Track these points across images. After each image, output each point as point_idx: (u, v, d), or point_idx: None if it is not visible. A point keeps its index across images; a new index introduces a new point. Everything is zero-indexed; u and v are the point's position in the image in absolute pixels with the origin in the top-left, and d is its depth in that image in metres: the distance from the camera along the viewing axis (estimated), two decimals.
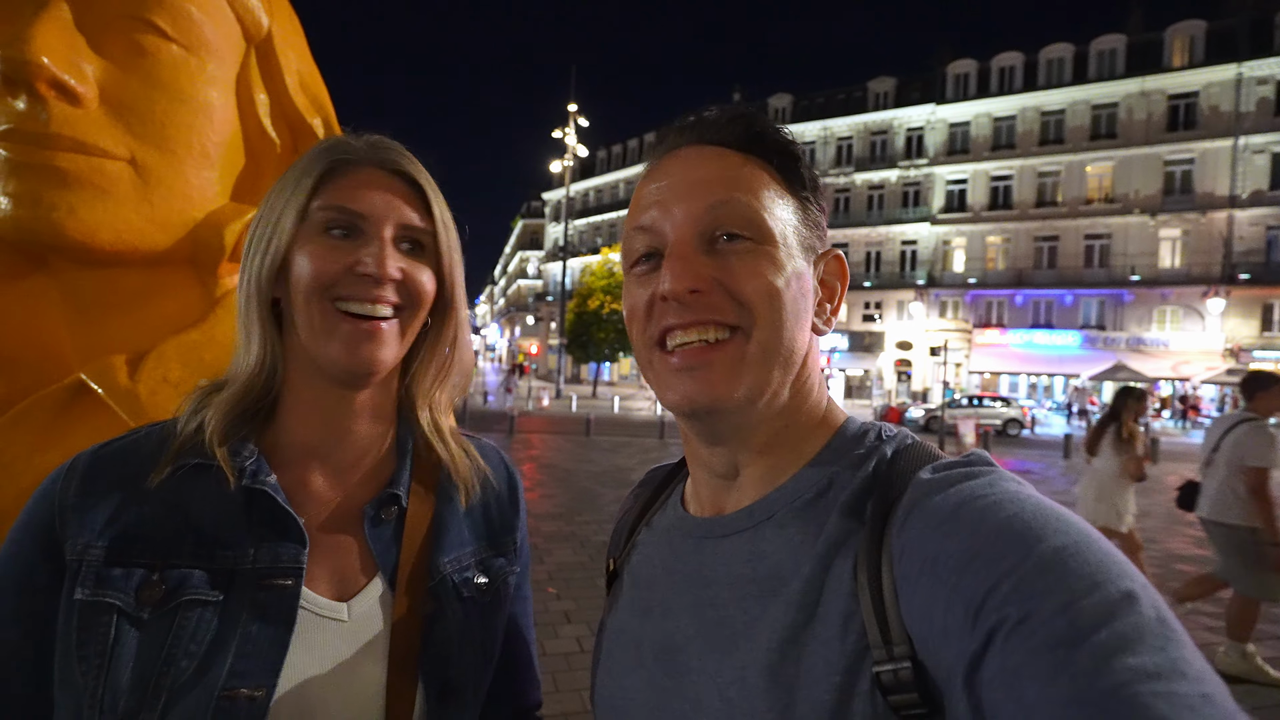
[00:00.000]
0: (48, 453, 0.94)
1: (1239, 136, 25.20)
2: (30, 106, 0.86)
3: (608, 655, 0.63)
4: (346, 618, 0.62)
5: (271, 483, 0.62)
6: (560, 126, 28.79)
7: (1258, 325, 25.00)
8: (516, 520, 0.79)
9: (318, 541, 0.64)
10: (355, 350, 0.63)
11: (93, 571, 0.56)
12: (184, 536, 0.59)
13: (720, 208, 0.54)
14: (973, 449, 0.53)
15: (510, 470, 0.81)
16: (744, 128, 0.58)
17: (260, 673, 0.55)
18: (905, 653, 0.44)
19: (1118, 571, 0.38)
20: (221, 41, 1.03)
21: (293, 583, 0.59)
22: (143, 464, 0.61)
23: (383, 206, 0.65)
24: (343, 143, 0.67)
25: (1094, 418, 24.13)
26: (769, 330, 0.53)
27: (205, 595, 0.57)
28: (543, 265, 52.92)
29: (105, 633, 0.54)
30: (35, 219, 0.89)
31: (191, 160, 1.00)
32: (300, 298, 0.63)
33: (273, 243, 0.63)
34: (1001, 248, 29.33)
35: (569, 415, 20.10)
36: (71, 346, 1.03)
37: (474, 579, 0.70)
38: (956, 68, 30.39)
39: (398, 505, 0.69)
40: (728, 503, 0.59)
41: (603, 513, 7.30)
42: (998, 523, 0.42)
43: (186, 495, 0.60)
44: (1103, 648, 0.34)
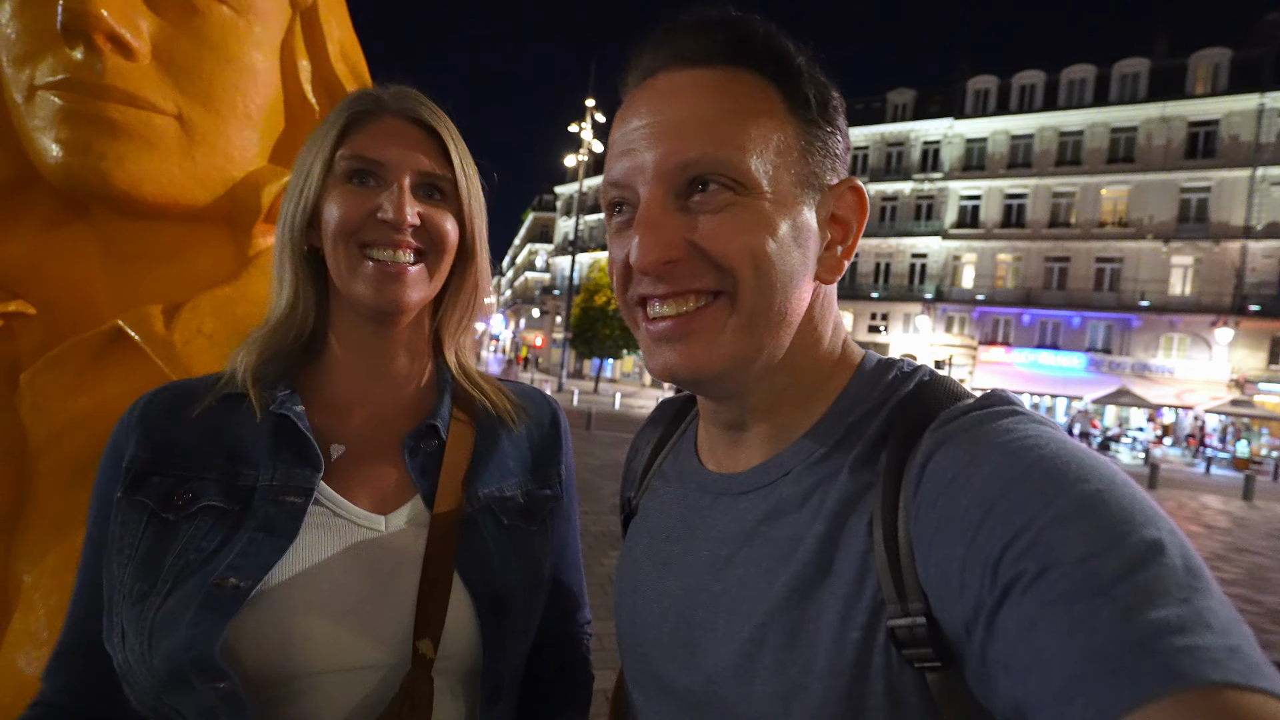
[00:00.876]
0: (80, 396, 0.97)
1: (1257, 167, 25.06)
2: (87, 57, 0.89)
3: (631, 608, 0.62)
4: (383, 529, 0.66)
5: (297, 411, 0.67)
6: (577, 120, 28.78)
7: (1265, 358, 24.87)
8: (560, 453, 0.82)
9: (359, 467, 0.69)
10: (381, 290, 0.67)
11: (134, 477, 0.63)
12: (215, 455, 0.65)
13: (692, 158, 0.47)
14: (992, 389, 0.49)
15: (553, 407, 0.85)
16: (726, 36, 0.49)
17: (251, 569, 0.59)
18: (920, 609, 0.43)
19: (1143, 519, 0.36)
20: (269, 6, 1.06)
21: (301, 500, 0.64)
22: (191, 396, 0.68)
23: (400, 154, 0.68)
24: (366, 94, 0.71)
25: (1095, 441, 24.07)
26: (754, 296, 0.49)
27: (221, 503, 0.62)
28: (551, 259, 52.91)
29: (136, 528, 0.61)
30: (85, 167, 0.91)
31: (235, 120, 1.03)
32: (329, 244, 0.68)
33: (304, 193, 0.68)
34: (1012, 266, 29.23)
35: (570, 409, 20.12)
36: (107, 295, 1.05)
37: (514, 508, 0.73)
38: (977, 83, 30.28)
39: (437, 438, 0.72)
40: (740, 457, 0.58)
41: (603, 504, 7.33)
42: (1015, 473, 0.40)
43: (223, 421, 0.67)
44: (1124, 600, 0.33)
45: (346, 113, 0.69)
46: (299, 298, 0.70)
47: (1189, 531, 9.37)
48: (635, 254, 0.49)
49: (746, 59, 0.49)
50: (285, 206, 0.69)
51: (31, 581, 0.88)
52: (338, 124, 0.68)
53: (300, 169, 0.69)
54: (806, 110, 0.50)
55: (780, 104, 0.49)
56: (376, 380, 0.73)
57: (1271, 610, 5.73)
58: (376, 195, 0.67)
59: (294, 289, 0.69)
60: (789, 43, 0.51)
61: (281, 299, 0.70)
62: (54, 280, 1.02)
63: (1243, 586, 6.46)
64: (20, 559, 0.91)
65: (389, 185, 0.67)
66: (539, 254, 57.52)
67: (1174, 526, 0.37)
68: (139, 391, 0.98)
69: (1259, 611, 5.65)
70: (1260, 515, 11.67)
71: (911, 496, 0.46)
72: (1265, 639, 4.83)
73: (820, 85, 0.51)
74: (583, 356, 35.90)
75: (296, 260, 0.69)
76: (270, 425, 0.66)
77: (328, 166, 0.67)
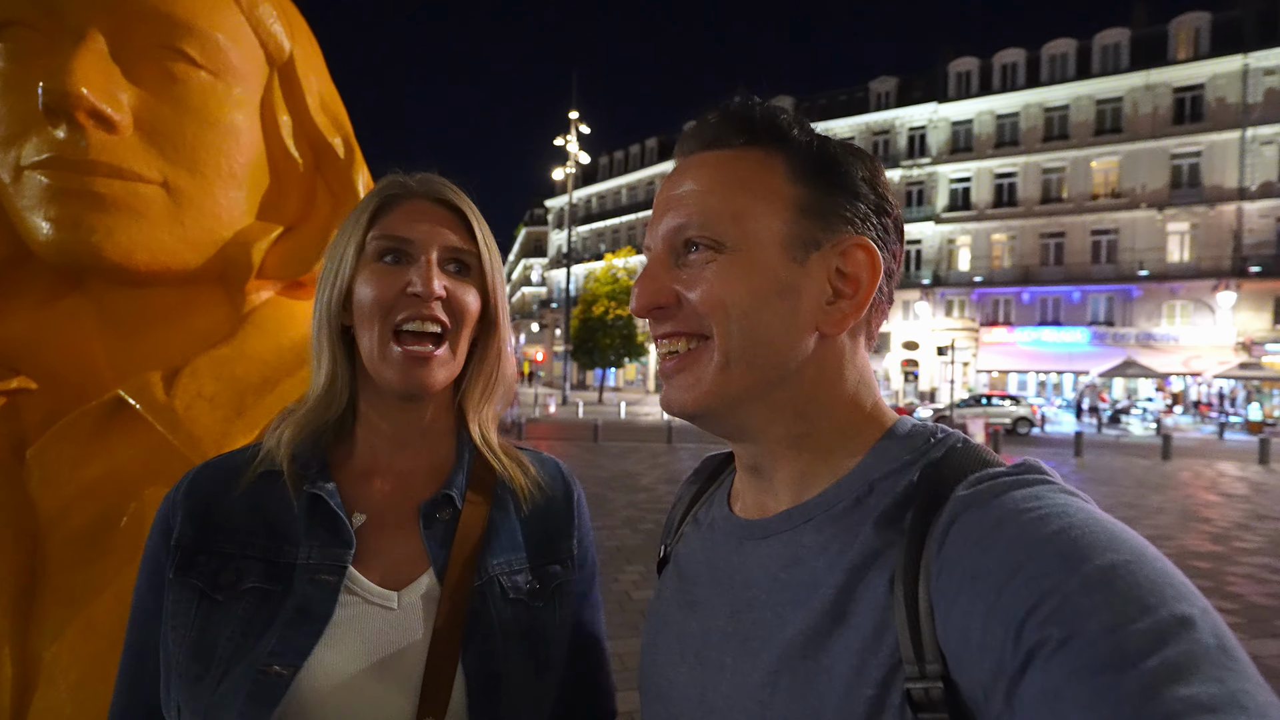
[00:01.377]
0: (88, 466, 0.98)
1: (1247, 128, 25.01)
2: (70, 135, 0.90)
3: (653, 646, 0.64)
4: (395, 606, 0.67)
5: (329, 489, 0.69)
6: (562, 133, 28.91)
7: (1270, 318, 24.75)
8: (573, 528, 0.81)
9: (378, 537, 0.71)
10: (409, 374, 0.70)
11: (183, 555, 0.66)
12: (256, 533, 0.68)
13: (682, 224, 0.55)
14: (1024, 457, 0.50)
15: (567, 480, 0.84)
16: (737, 124, 0.57)
17: (293, 654, 0.62)
18: (938, 671, 0.43)
19: (1174, 594, 0.35)
20: (247, 66, 1.07)
21: (334, 579, 0.66)
22: (234, 473, 0.71)
23: (428, 231, 0.72)
24: (395, 181, 0.75)
25: (1105, 414, 23.97)
26: (727, 340, 0.54)
27: (266, 585, 0.65)
28: (546, 272, 53.08)
29: (189, 607, 0.64)
30: (76, 242, 0.92)
31: (220, 181, 1.04)
32: (361, 322, 0.71)
33: (338, 274, 0.72)
34: (1007, 245, 29.21)
35: (576, 421, 20.13)
36: (108, 363, 1.06)
37: (523, 584, 0.74)
38: (958, 66, 30.34)
39: (452, 507, 0.74)
40: (767, 504, 0.60)
41: (614, 518, 7.32)
42: (1042, 537, 0.40)
43: (263, 498, 0.69)
44: (1153, 675, 0.32)
45: (377, 199, 0.73)
46: (336, 376, 0.73)
47: (1208, 501, 9.31)
48: (632, 299, 0.58)
49: (754, 138, 0.56)
50: (321, 289, 0.73)
51: (51, 658, 0.89)
52: (369, 209, 0.73)
53: (334, 253, 0.73)
54: (809, 179, 0.55)
55: (780, 175, 0.55)
56: (400, 450, 0.76)
57: None
58: (406, 271, 0.70)
59: (331, 366, 0.72)
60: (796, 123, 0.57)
61: (320, 378, 0.73)
62: (54, 353, 1.03)
63: (1267, 555, 6.41)
64: (38, 635, 0.91)
65: (417, 260, 0.71)
66: (534, 268, 57.68)
67: (1207, 605, 0.36)
68: (146, 459, 1.00)
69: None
70: (1279, 479, 11.59)
71: (935, 555, 0.46)
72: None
73: (828, 156, 0.56)
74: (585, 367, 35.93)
75: (334, 340, 0.72)
76: (305, 502, 0.69)
77: (360, 248, 0.71)
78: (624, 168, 45.12)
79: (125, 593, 0.91)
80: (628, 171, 44.47)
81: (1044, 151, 28.41)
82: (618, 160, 45.97)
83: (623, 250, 35.88)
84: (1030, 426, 20.81)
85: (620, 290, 31.93)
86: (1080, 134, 27.79)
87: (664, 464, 11.67)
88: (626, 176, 44.45)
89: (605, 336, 31.15)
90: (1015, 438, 19.43)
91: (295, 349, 1.10)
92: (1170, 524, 7.59)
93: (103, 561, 0.94)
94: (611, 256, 34.49)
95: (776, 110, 0.57)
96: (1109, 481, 10.71)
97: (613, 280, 32.16)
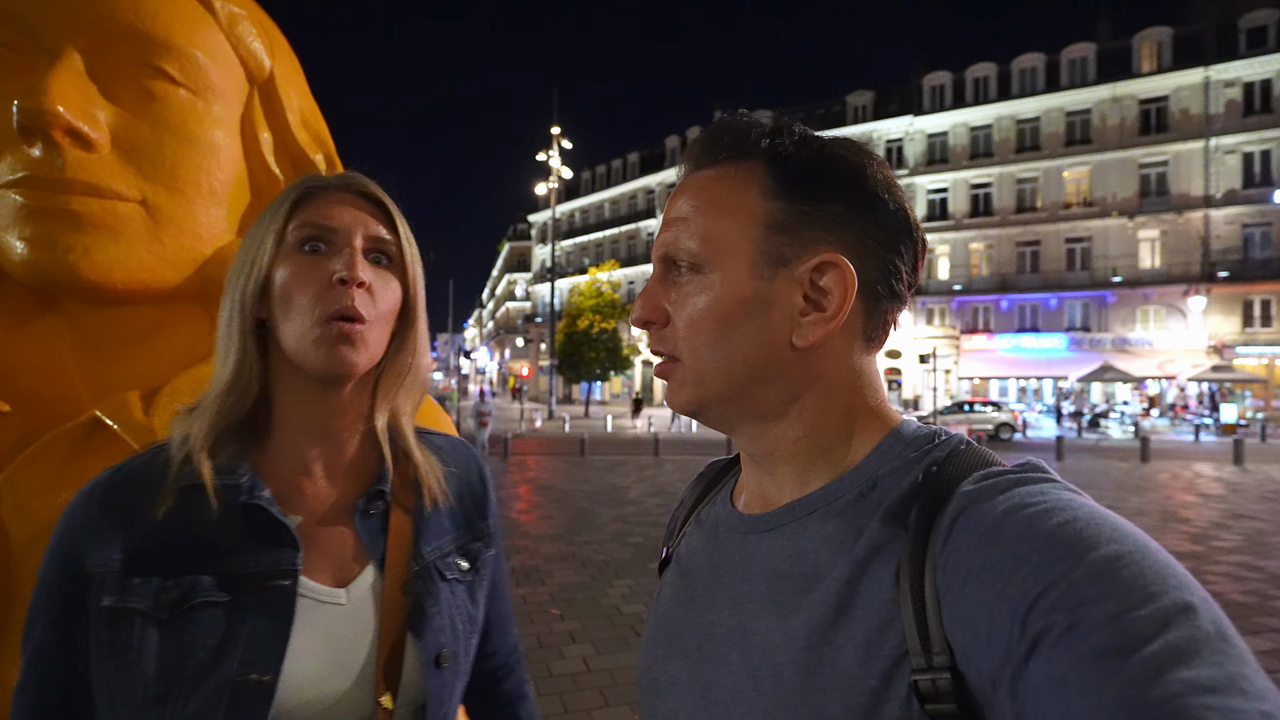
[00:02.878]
0: (63, 491, 0.95)
1: (1210, 138, 25.79)
2: (46, 153, 0.89)
3: (653, 642, 0.64)
4: (345, 602, 0.70)
5: (266, 496, 0.69)
6: (545, 149, 29.02)
7: (1239, 322, 25.40)
8: (488, 506, 0.87)
9: (316, 536, 0.71)
10: (332, 354, 0.69)
11: (115, 582, 0.64)
12: (192, 549, 0.66)
13: (672, 243, 0.58)
14: (1027, 458, 0.50)
15: (477, 461, 0.90)
16: (719, 141, 0.58)
17: (266, 660, 0.62)
18: (945, 662, 0.43)
19: (1175, 583, 0.36)
20: (227, 83, 1.07)
21: (290, 583, 0.66)
22: (149, 489, 0.67)
23: (351, 220, 0.72)
24: (315, 175, 0.76)
25: (1085, 419, 24.35)
26: (696, 361, 0.57)
27: (214, 597, 0.64)
28: (531, 287, 53.02)
29: (130, 633, 0.62)
30: (51, 261, 0.91)
31: (200, 199, 1.03)
32: (282, 311, 0.69)
33: (255, 264, 0.70)
34: (985, 254, 29.74)
35: (563, 436, 20.03)
36: (84, 384, 1.04)
37: (454, 564, 0.79)
38: (932, 79, 31.00)
39: (383, 501, 0.76)
40: (771, 497, 0.60)
41: (602, 532, 7.27)
42: (1048, 529, 0.41)
43: (191, 513, 0.67)
44: (1155, 659, 0.33)
45: (297, 190, 0.73)
46: (245, 366, 0.70)
47: (1186, 502, 9.47)
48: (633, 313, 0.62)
49: (734, 154, 0.57)
50: (235, 280, 0.71)
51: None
52: (288, 199, 0.72)
53: (250, 243, 0.71)
54: (781, 191, 0.55)
55: (756, 190, 0.56)
56: (323, 446, 0.75)
57: (1274, 575, 5.78)
58: (329, 260, 0.70)
59: (240, 358, 0.70)
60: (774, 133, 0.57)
61: (227, 368, 0.70)
62: (28, 374, 1.01)
63: (1244, 554, 6.53)
64: (10, 665, 0.88)
65: (340, 250, 0.71)
66: (518, 283, 57.62)
67: (1207, 595, 0.37)
68: None
69: (1262, 578, 5.71)
70: (1253, 479, 11.82)
71: (941, 547, 0.46)
72: (1271, 605, 4.87)
73: (810, 163, 0.56)
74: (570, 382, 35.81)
75: (245, 330, 0.70)
76: (239, 511, 0.68)
77: (279, 238, 0.70)
78: (606, 182, 45.34)
79: None
80: (610, 186, 44.67)
81: (1017, 162, 29.05)
82: (600, 175, 46.21)
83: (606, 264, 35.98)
84: (1012, 432, 21.07)
85: (604, 304, 31.96)
86: (1051, 145, 28.48)
87: (651, 477, 11.63)
88: (609, 191, 44.66)
89: (590, 350, 31.12)
90: (998, 444, 19.64)
91: None
92: (1151, 525, 7.70)
93: None
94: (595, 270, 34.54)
95: (750, 124, 0.58)
96: (1090, 485, 10.86)
97: (597, 294, 32.19)
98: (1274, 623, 4.46)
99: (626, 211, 43.26)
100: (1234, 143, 25.57)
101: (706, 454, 14.53)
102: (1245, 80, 25.42)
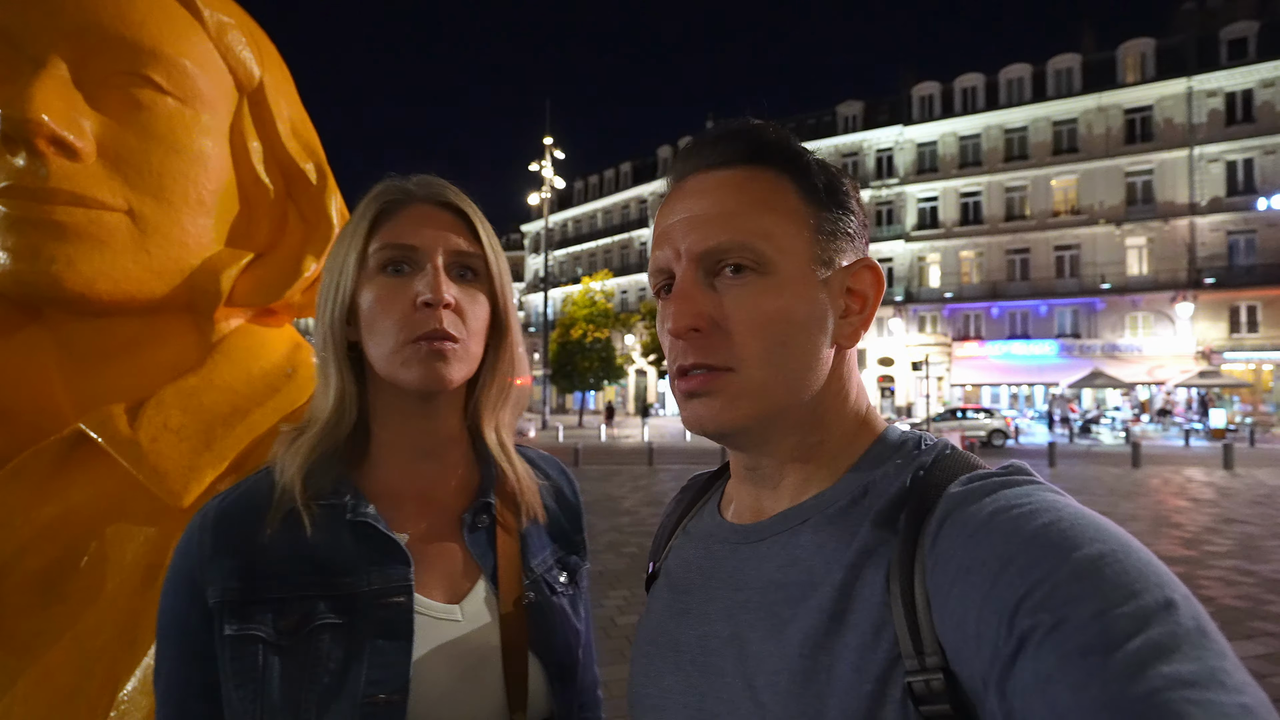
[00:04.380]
0: (45, 506, 0.94)
1: (1194, 147, 26.16)
2: (30, 163, 0.87)
3: (645, 657, 0.63)
4: (460, 618, 0.69)
5: (371, 513, 0.68)
6: (537, 159, 29.10)
7: (1226, 328, 25.67)
8: (580, 520, 0.87)
9: (424, 553, 0.70)
10: (427, 369, 0.68)
11: (235, 610, 0.63)
12: (306, 572, 0.65)
13: (720, 244, 0.54)
14: (1011, 461, 0.51)
15: (569, 476, 0.89)
16: (745, 143, 0.56)
17: (393, 680, 0.62)
18: (937, 663, 0.44)
19: (1156, 581, 0.37)
20: (215, 92, 1.06)
21: (405, 599, 0.65)
22: (258, 513, 0.67)
23: (431, 237, 0.70)
24: (391, 186, 0.72)
25: (1075, 425, 24.47)
26: (760, 369, 0.54)
27: (332, 619, 0.63)
28: (524, 296, 53.00)
29: (254, 661, 0.61)
30: (34, 272, 0.89)
31: (188, 209, 1.02)
32: (370, 334, 0.69)
33: (339, 289, 0.69)
34: (975, 262, 29.98)
35: (557, 446, 19.96)
36: (67, 397, 1.02)
37: (559, 577, 0.78)
38: (921, 90, 31.33)
39: (490, 515, 0.75)
40: (765, 508, 0.60)
41: (597, 542, 7.23)
42: (1033, 530, 0.41)
43: (299, 536, 0.66)
44: (1137, 655, 0.34)
45: (376, 205, 0.70)
46: (345, 393, 0.70)
47: (1178, 507, 9.52)
48: (668, 320, 0.56)
49: (762, 159, 0.56)
50: (322, 306, 0.70)
51: (2, 710, 0.84)
52: (367, 217, 0.69)
53: (333, 267, 0.70)
54: (818, 198, 0.56)
55: (794, 195, 0.56)
56: (423, 463, 0.74)
57: (1267, 579, 5.80)
58: (412, 281, 0.68)
59: (340, 384, 0.69)
60: (792, 142, 0.58)
61: (329, 397, 0.69)
62: (9, 388, 0.99)
63: (1236, 558, 6.55)
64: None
65: (423, 268, 0.69)
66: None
67: (1187, 592, 0.38)
68: (108, 496, 0.96)
69: (1254, 582, 5.72)
70: (1243, 483, 11.90)
71: (929, 549, 0.47)
72: (1264, 609, 4.88)
73: (830, 176, 0.57)
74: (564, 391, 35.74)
75: (340, 356, 0.70)
76: (349, 531, 0.67)
77: (361, 260, 0.69)
78: (599, 192, 45.50)
79: (83, 639, 0.87)
80: (603, 195, 44.84)
81: (1006, 171, 29.37)
82: (593, 185, 46.37)
83: (599, 274, 36.02)
84: (1005, 439, 21.15)
85: (598, 313, 31.96)
86: (1039, 154, 28.81)
87: (645, 486, 11.60)
88: (602, 200, 44.82)
89: (584, 360, 31.09)
90: (991, 450, 19.71)
91: (266, 378, 1.07)
92: (1143, 530, 7.73)
93: (60, 607, 0.89)
94: (588, 280, 34.57)
95: (763, 128, 0.57)
96: (1082, 490, 10.89)
97: (590, 303, 32.20)
98: (1267, 627, 4.47)
99: (619, 221, 43.38)
100: (1217, 151, 25.95)
101: (700, 464, 14.52)
102: (1227, 90, 25.83)
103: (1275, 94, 25.05)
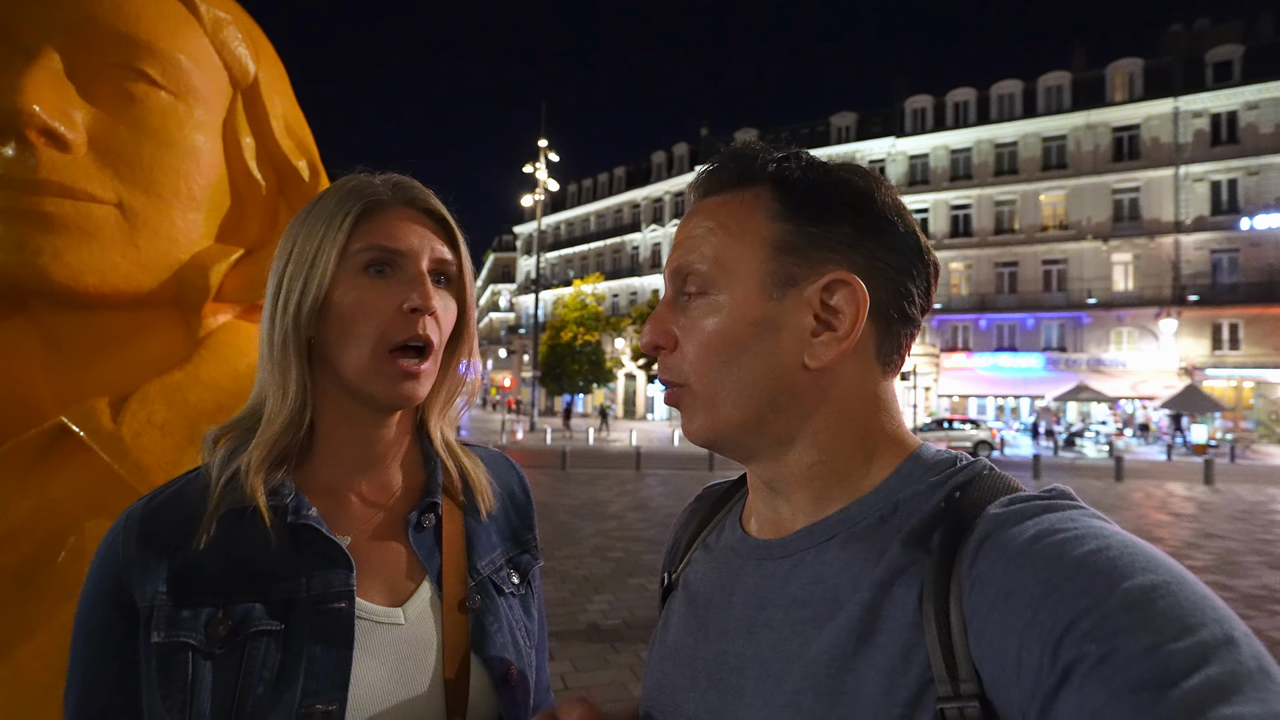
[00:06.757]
0: (24, 499, 0.92)
1: (1179, 166, 26.57)
2: (19, 153, 0.87)
3: (661, 672, 0.62)
4: (403, 621, 0.67)
5: (314, 516, 0.65)
6: (531, 161, 29.09)
7: (1208, 344, 26.03)
8: (532, 518, 0.85)
9: (367, 555, 0.68)
10: (398, 388, 0.67)
11: (164, 615, 0.60)
12: (240, 576, 0.62)
13: (678, 266, 0.58)
14: (1055, 484, 0.49)
15: (519, 472, 0.87)
16: (733, 165, 0.58)
17: (330, 689, 0.59)
18: (973, 690, 0.42)
19: (1215, 615, 0.35)
20: (209, 87, 1.05)
21: (346, 605, 0.63)
22: (189, 516, 0.64)
23: (417, 242, 0.69)
24: (370, 184, 0.70)
25: (1060, 437, 24.71)
26: (705, 386, 0.56)
27: (268, 625, 0.61)
28: (515, 298, 52.89)
29: (183, 669, 0.58)
30: (20, 264, 0.88)
31: (178, 203, 1.01)
32: (346, 336, 0.66)
33: (312, 284, 0.65)
34: (964, 274, 30.25)
35: (544, 448, 19.89)
36: (49, 390, 1.01)
37: (508, 577, 0.76)
38: (914, 103, 31.63)
39: (435, 515, 0.73)
40: (785, 523, 0.59)
41: (582, 546, 7.20)
42: (1079, 556, 0.39)
43: (236, 539, 0.63)
44: (1195, 694, 0.32)
45: (357, 203, 0.67)
46: (304, 394, 0.67)
47: (1159, 521, 9.63)
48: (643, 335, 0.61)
49: (748, 179, 0.57)
50: (286, 299, 0.66)
51: None
52: (349, 214, 0.67)
53: (301, 260, 0.66)
54: (795, 212, 0.55)
55: (760, 213, 0.56)
56: (369, 464, 0.72)
57: (1246, 595, 5.88)
58: (395, 284, 0.67)
59: (299, 384, 0.66)
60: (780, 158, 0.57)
61: (287, 396, 0.66)
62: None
63: (1216, 573, 6.63)
64: None
65: (407, 273, 0.68)
66: (502, 294, 57.46)
67: (1247, 629, 0.36)
68: (88, 490, 0.95)
69: (1234, 597, 5.80)
70: (1223, 499, 12.06)
71: (966, 571, 0.45)
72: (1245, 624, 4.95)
73: (815, 185, 0.56)
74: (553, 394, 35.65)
75: (301, 352, 0.66)
76: (287, 533, 0.64)
77: (341, 256, 0.66)
78: (592, 195, 45.52)
79: (59, 636, 0.86)
80: (596, 199, 44.85)
81: (995, 185, 29.68)
82: (586, 188, 46.39)
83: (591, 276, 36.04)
84: (990, 450, 21.30)
85: (589, 316, 31.94)
86: (1029, 169, 29.15)
87: (632, 491, 11.57)
88: (595, 204, 44.83)
89: (573, 363, 31.03)
90: None
91: (253, 374, 1.06)
92: None
93: (35, 603, 0.88)
94: (580, 283, 34.55)
95: (757, 150, 0.58)
96: None
97: (581, 306, 32.19)
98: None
99: (612, 225, 43.40)
100: (1202, 171, 26.36)
101: (687, 468, 14.53)
102: (1212, 111, 26.27)
103: (1259, 116, 25.51)
